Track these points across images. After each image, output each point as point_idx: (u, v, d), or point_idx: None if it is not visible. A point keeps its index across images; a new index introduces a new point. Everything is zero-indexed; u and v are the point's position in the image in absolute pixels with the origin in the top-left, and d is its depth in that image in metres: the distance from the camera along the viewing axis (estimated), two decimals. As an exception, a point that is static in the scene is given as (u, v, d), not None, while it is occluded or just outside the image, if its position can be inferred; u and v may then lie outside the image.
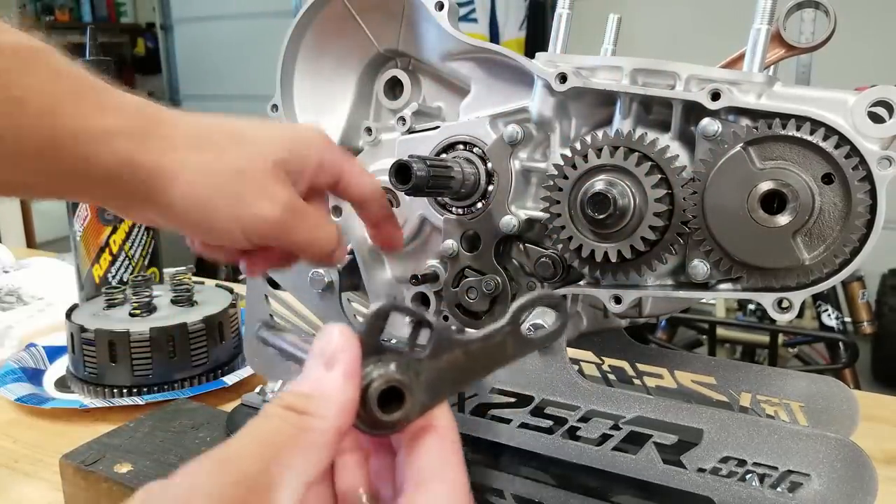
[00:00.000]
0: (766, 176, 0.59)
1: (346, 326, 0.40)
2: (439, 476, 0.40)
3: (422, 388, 0.40)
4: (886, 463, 0.84)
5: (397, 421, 0.40)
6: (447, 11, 0.73)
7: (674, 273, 0.67)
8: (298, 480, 0.36)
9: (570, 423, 0.69)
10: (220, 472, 0.35)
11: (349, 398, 0.38)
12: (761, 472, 0.63)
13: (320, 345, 0.40)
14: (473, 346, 0.42)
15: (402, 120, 0.79)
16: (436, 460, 0.41)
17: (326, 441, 0.37)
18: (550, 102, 0.69)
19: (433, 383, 0.41)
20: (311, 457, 0.37)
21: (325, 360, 0.39)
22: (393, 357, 0.40)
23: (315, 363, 0.39)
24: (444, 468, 0.40)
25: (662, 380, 0.83)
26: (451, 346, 0.41)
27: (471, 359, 0.42)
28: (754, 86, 0.62)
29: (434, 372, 0.41)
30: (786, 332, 2.72)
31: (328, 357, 0.39)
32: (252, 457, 0.36)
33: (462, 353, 0.41)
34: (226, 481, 0.34)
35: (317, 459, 0.37)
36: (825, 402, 0.76)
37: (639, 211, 0.62)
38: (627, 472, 0.67)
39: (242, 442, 0.36)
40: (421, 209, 0.78)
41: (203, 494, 0.34)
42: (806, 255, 0.59)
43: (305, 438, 0.37)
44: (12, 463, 0.87)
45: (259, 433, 0.37)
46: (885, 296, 3.29)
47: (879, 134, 0.57)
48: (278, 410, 0.38)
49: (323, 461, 0.38)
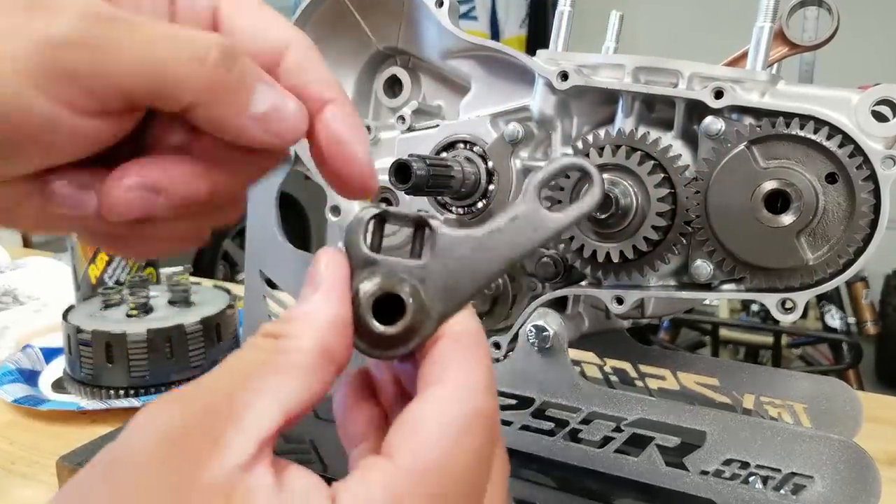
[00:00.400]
0: (769, 175, 0.59)
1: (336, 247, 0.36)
2: (439, 380, 0.34)
3: (432, 296, 0.35)
4: (890, 464, 0.83)
5: (404, 335, 0.35)
6: (447, 9, 0.72)
7: (676, 273, 0.66)
8: (273, 407, 0.31)
9: (572, 425, 0.69)
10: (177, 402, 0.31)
11: (333, 313, 0.34)
12: (765, 474, 0.62)
13: (309, 271, 0.36)
14: (487, 237, 0.36)
15: (401, 118, 0.78)
16: (439, 366, 0.35)
17: (308, 363, 0.33)
18: (552, 101, 0.68)
19: (445, 287, 0.36)
20: (289, 381, 0.32)
21: (311, 283, 0.35)
22: (390, 266, 0.36)
23: (304, 292, 0.35)
24: (447, 369, 0.35)
25: (665, 381, 0.83)
26: (459, 242, 0.36)
27: (484, 250, 0.36)
28: (757, 84, 0.61)
29: (443, 274, 0.36)
30: (789, 332, 2.72)
31: (313, 279, 0.35)
32: (216, 386, 0.31)
33: (472, 246, 0.36)
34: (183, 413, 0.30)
35: (297, 384, 0.32)
36: (829, 403, 0.75)
37: (641, 210, 0.61)
38: (629, 474, 0.66)
39: (209, 375, 0.32)
40: (421, 209, 0.78)
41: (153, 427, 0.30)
42: (810, 255, 0.59)
43: (280, 361, 0.32)
44: (9, 465, 0.87)
45: (228, 363, 0.33)
46: (889, 296, 3.30)
47: (883, 133, 0.57)
48: (254, 339, 0.34)
49: (309, 387, 0.33)
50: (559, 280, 0.71)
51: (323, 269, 0.35)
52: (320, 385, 0.33)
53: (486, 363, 0.36)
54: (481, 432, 0.33)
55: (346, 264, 0.36)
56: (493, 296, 0.73)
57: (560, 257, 0.70)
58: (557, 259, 0.70)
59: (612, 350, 0.84)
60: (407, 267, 0.36)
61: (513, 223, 0.37)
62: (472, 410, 0.33)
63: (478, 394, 0.34)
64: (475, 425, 0.33)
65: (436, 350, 0.35)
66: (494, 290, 0.73)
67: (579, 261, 0.66)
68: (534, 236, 0.37)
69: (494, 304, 0.74)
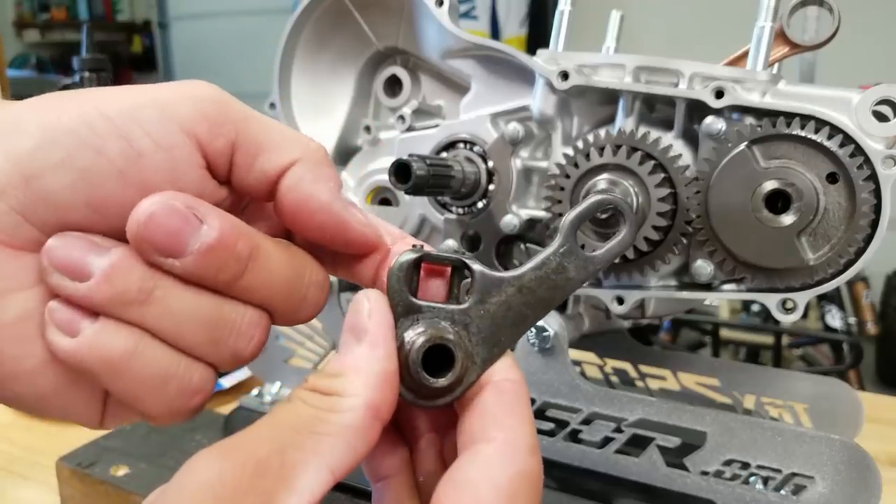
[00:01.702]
0: (770, 175, 0.59)
1: (376, 290, 0.35)
2: (489, 437, 0.34)
3: (475, 342, 0.35)
4: (891, 465, 0.83)
5: (451, 385, 0.34)
6: (447, 8, 0.72)
7: (677, 273, 0.66)
8: (323, 469, 0.31)
9: (572, 425, 0.69)
10: (227, 457, 0.30)
11: (382, 369, 0.33)
12: (765, 474, 0.62)
13: (350, 318, 0.35)
14: (527, 279, 0.36)
15: (401, 118, 0.78)
16: (488, 420, 0.35)
17: (358, 425, 0.32)
18: (552, 100, 0.68)
19: (488, 333, 0.35)
20: (339, 444, 0.32)
21: (354, 332, 0.34)
22: (434, 313, 0.35)
23: (346, 339, 0.35)
24: (495, 427, 0.34)
25: (665, 382, 0.83)
26: (499, 285, 0.35)
27: (527, 294, 0.36)
28: (758, 84, 0.61)
29: (486, 320, 0.35)
30: (790, 333, 2.71)
31: (356, 328, 0.34)
32: (266, 441, 0.31)
33: (515, 290, 0.36)
34: (233, 465, 0.30)
35: (347, 446, 0.32)
36: (829, 403, 0.75)
37: (642, 210, 0.61)
38: (630, 475, 0.66)
39: (259, 427, 0.32)
40: (421, 209, 0.77)
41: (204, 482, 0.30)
42: (810, 256, 0.59)
43: (331, 420, 0.32)
44: (9, 465, 0.87)
45: (277, 417, 0.32)
46: (890, 296, 3.29)
47: (884, 133, 0.57)
48: (301, 393, 0.33)
49: (357, 447, 0.32)
50: (559, 280, 0.71)
51: (366, 318, 0.35)
52: (368, 446, 0.33)
53: (530, 418, 0.36)
54: (528, 495, 0.34)
55: (390, 312, 0.35)
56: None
57: (560, 257, 0.70)
58: (558, 259, 0.70)
59: (613, 350, 0.84)
60: (450, 313, 0.35)
61: (551, 265, 0.36)
62: (521, 472, 0.34)
63: (526, 455, 0.34)
64: (523, 487, 0.34)
65: (480, 402, 0.35)
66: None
67: (579, 261, 0.65)
68: (575, 277, 0.37)
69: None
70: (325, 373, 0.34)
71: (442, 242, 0.75)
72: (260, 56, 1.42)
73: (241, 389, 1.00)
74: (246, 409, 0.84)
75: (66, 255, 0.32)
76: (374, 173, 0.81)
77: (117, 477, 0.72)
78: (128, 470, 0.73)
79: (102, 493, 0.72)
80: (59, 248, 0.32)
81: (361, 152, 0.83)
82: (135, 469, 0.73)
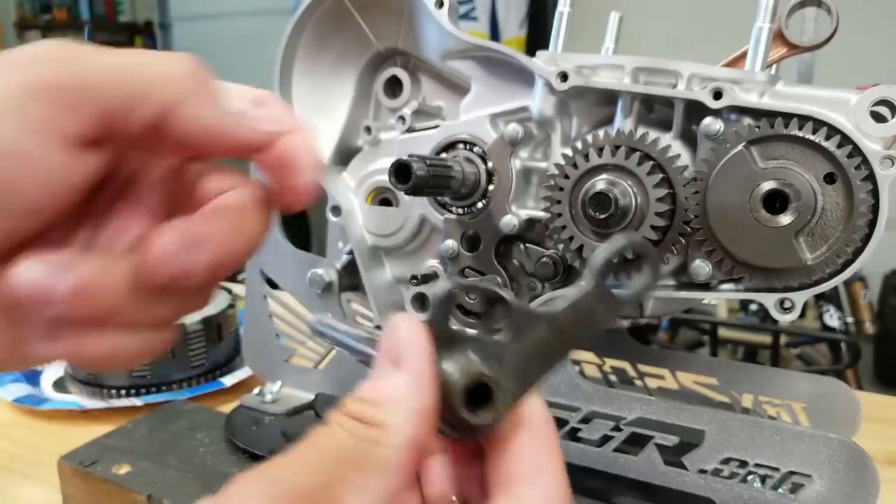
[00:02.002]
0: (768, 175, 0.59)
1: (414, 317, 0.35)
2: (530, 480, 0.35)
3: (508, 377, 0.35)
4: (888, 464, 0.84)
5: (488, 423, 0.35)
6: (447, 9, 0.72)
7: (675, 273, 0.67)
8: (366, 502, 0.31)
9: (571, 424, 0.69)
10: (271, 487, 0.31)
11: (425, 403, 0.33)
12: (763, 473, 0.63)
13: (387, 342, 0.35)
14: (561, 318, 0.36)
15: (401, 119, 0.79)
16: (527, 462, 0.35)
17: (401, 456, 0.32)
18: (551, 101, 0.69)
19: (521, 369, 0.35)
20: (382, 475, 0.32)
21: (392, 358, 0.34)
22: (470, 344, 0.35)
23: (382, 363, 0.35)
24: (536, 471, 0.35)
25: (664, 381, 0.83)
26: (534, 321, 0.35)
27: (559, 333, 0.36)
28: (756, 84, 0.61)
29: (520, 355, 0.35)
30: (788, 332, 2.71)
31: (395, 354, 0.34)
32: (312, 472, 0.31)
33: (548, 327, 0.35)
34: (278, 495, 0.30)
35: (389, 477, 0.32)
36: (827, 402, 0.75)
37: (640, 211, 0.62)
38: (629, 473, 0.67)
39: (302, 454, 0.32)
40: (421, 209, 0.78)
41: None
42: (808, 255, 0.59)
43: (375, 454, 0.32)
44: (10, 464, 0.87)
45: (321, 446, 0.32)
46: (888, 296, 3.29)
47: (882, 133, 0.57)
48: (343, 420, 0.33)
49: (397, 479, 0.32)
50: (559, 280, 0.71)
51: (406, 345, 0.34)
52: (407, 479, 0.33)
53: (561, 460, 0.36)
54: None
55: (431, 342, 0.35)
56: (493, 295, 0.73)
57: (559, 257, 0.70)
58: (557, 259, 0.70)
59: (612, 349, 0.84)
60: (486, 344, 0.35)
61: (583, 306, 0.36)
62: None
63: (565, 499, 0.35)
64: None
65: (518, 441, 0.36)
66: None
67: (579, 261, 0.66)
68: (605, 317, 0.37)
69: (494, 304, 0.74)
70: (365, 399, 0.34)
71: (442, 242, 0.75)
72: (261, 57, 1.43)
73: (241, 388, 1.01)
74: (247, 408, 0.84)
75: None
76: (374, 174, 0.81)
77: (119, 475, 0.72)
78: (129, 468, 0.73)
79: (104, 491, 0.72)
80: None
81: (362, 153, 0.83)
82: (136, 467, 0.73)
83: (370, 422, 0.33)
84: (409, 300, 0.81)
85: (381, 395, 0.34)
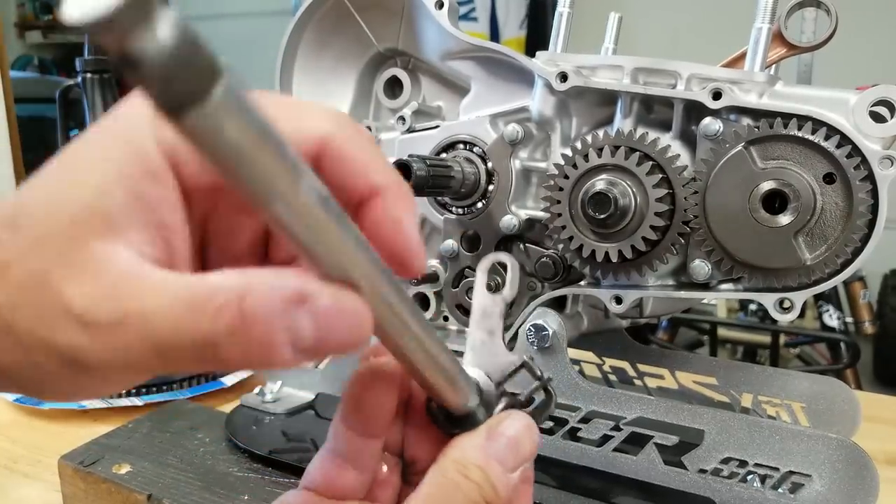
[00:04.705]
0: (767, 175, 0.59)
1: (533, 422, 0.41)
2: None
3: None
4: (888, 464, 0.84)
5: None
6: (447, 10, 0.73)
7: (675, 273, 0.67)
8: None
9: (571, 423, 0.69)
10: None
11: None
12: (763, 472, 0.63)
13: (519, 431, 0.40)
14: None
15: (401, 119, 0.79)
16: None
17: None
18: (551, 101, 0.69)
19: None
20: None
21: (518, 455, 0.39)
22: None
23: (508, 450, 0.39)
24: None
25: (663, 380, 0.83)
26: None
27: None
28: (756, 85, 0.61)
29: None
30: (787, 332, 2.71)
31: (521, 455, 0.39)
32: None
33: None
34: None
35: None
36: (827, 402, 0.75)
37: (640, 211, 0.62)
38: (628, 473, 0.67)
39: None
40: (421, 209, 0.78)
41: None
42: (807, 255, 0.59)
43: None
44: (11, 464, 0.87)
45: None
46: (887, 296, 3.29)
47: (881, 133, 0.57)
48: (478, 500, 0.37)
49: None
50: (558, 280, 0.71)
51: (526, 460, 0.40)
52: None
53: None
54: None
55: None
56: (493, 295, 0.73)
57: (559, 257, 0.70)
58: (556, 259, 0.70)
59: (611, 349, 0.85)
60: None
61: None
62: None
63: None
64: None
65: None
66: (494, 290, 0.73)
67: (578, 260, 0.66)
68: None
69: (494, 303, 0.74)
70: (493, 484, 0.38)
71: (442, 242, 0.75)
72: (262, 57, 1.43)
73: (242, 388, 1.01)
74: (247, 408, 0.85)
75: None
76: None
77: (119, 475, 0.72)
78: (130, 468, 0.73)
79: (105, 491, 0.72)
80: None
81: (362, 153, 0.83)
82: (137, 467, 0.73)
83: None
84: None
85: (502, 485, 0.38)
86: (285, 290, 0.27)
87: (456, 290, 0.75)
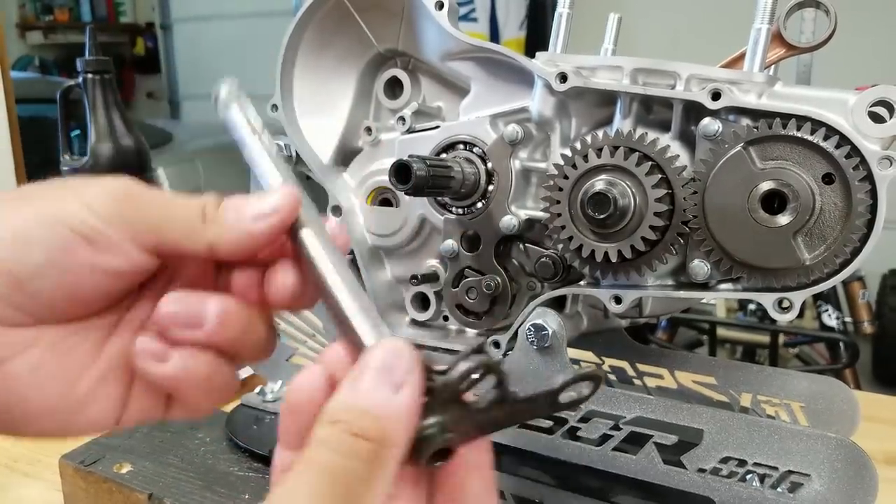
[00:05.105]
0: (766, 176, 0.59)
1: (411, 345, 0.37)
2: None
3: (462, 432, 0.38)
4: (887, 463, 0.84)
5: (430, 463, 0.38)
6: (447, 11, 0.73)
7: (674, 273, 0.67)
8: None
9: (571, 423, 0.69)
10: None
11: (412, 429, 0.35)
12: (762, 472, 0.63)
13: (384, 357, 0.36)
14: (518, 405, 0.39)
15: (401, 119, 0.79)
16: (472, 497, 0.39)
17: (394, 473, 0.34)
18: (551, 102, 0.69)
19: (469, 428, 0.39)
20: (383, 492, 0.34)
21: (392, 378, 0.35)
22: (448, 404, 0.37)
23: (378, 378, 0.35)
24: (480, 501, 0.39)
25: (663, 380, 0.83)
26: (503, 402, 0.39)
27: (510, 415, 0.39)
28: (755, 85, 0.62)
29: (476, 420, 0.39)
30: (786, 332, 2.71)
31: (396, 376, 0.36)
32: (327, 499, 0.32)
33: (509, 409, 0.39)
34: None
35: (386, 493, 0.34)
36: (826, 402, 0.76)
37: (639, 211, 0.62)
38: (628, 472, 0.67)
39: (310, 483, 0.33)
40: (421, 209, 0.78)
41: None
42: (806, 255, 0.59)
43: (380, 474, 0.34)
44: (11, 463, 0.87)
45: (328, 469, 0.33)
46: (886, 296, 3.29)
47: (880, 134, 0.57)
48: (346, 439, 0.34)
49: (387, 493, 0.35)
50: (558, 280, 0.71)
51: (407, 373, 0.36)
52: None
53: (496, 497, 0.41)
54: None
55: (423, 377, 0.37)
56: (493, 295, 0.73)
57: (559, 257, 0.70)
58: (556, 259, 0.71)
59: (611, 349, 0.85)
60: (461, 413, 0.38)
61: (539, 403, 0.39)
62: None
63: None
64: None
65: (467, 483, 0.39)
66: (494, 290, 0.73)
67: (578, 260, 0.66)
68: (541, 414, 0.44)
69: (494, 303, 0.74)
70: (363, 411, 0.35)
71: (442, 242, 0.75)
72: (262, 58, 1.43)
73: (243, 388, 1.01)
74: (247, 407, 0.85)
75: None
76: (374, 174, 0.81)
77: (120, 474, 0.72)
78: (130, 467, 0.73)
79: (105, 490, 0.72)
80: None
81: (362, 153, 0.83)
82: (137, 466, 0.74)
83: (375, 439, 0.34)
84: (409, 300, 0.81)
85: (382, 412, 0.35)
86: None
87: (456, 290, 0.75)
